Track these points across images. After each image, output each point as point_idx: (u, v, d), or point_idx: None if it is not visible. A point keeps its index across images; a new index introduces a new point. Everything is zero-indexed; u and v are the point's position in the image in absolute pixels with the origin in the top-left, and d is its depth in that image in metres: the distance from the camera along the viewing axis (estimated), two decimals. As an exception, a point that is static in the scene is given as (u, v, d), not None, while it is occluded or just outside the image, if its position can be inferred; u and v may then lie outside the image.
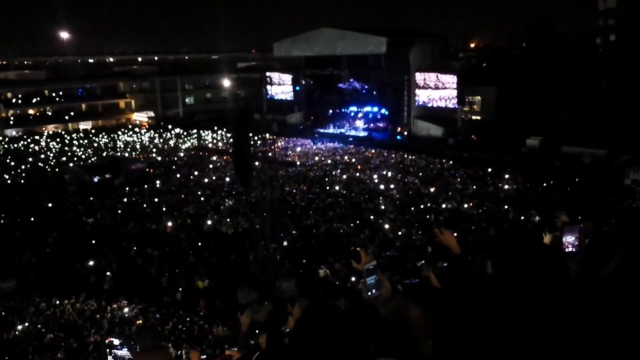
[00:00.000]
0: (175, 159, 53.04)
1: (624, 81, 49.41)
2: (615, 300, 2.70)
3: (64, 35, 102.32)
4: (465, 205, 32.73)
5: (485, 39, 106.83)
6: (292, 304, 5.22)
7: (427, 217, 30.96)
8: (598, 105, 50.42)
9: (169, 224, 31.27)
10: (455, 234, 4.34)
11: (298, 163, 49.05)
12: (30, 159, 54.27)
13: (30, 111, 78.17)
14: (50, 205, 36.03)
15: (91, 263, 25.56)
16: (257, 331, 12.33)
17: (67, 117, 78.46)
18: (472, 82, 60.34)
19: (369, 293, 2.96)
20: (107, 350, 2.72)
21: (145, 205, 35.79)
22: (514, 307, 2.62)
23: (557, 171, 39.50)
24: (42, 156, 56.02)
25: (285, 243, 27.46)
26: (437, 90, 59.60)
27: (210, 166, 48.58)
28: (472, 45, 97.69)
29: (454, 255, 4.20)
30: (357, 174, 43.10)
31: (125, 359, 2.67)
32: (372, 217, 31.46)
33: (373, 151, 52.91)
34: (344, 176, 42.35)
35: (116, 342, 2.68)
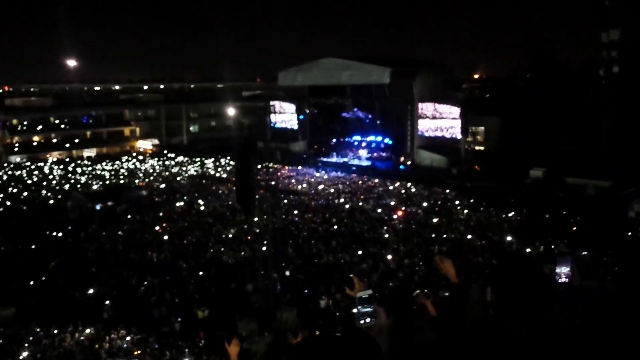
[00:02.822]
0: (178, 187, 53.07)
1: (627, 112, 49.59)
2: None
3: (71, 63, 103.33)
4: (469, 236, 32.55)
5: (488, 69, 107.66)
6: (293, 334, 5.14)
7: (431, 247, 30.78)
8: (602, 137, 50.51)
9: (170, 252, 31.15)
10: (453, 264, 4.29)
11: (301, 192, 49.01)
12: (33, 186, 54.40)
13: (35, 138, 78.69)
14: (51, 232, 35.99)
15: (91, 291, 25.40)
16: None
17: (71, 144, 78.93)
18: (475, 112, 60.67)
19: (361, 321, 2.95)
20: None
21: (146, 234, 35.68)
22: (513, 335, 2.55)
23: (560, 202, 39.37)
24: (45, 183, 56.16)
25: (287, 273, 27.25)
26: (440, 120, 59.87)
27: (213, 194, 48.55)
28: (476, 75, 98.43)
29: (452, 284, 4.17)
30: (360, 204, 43.00)
31: None
32: (374, 247, 31.28)
33: (376, 180, 52.85)
34: (347, 205, 42.24)
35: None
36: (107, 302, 24.29)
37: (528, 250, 29.22)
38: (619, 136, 48.88)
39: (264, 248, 25.21)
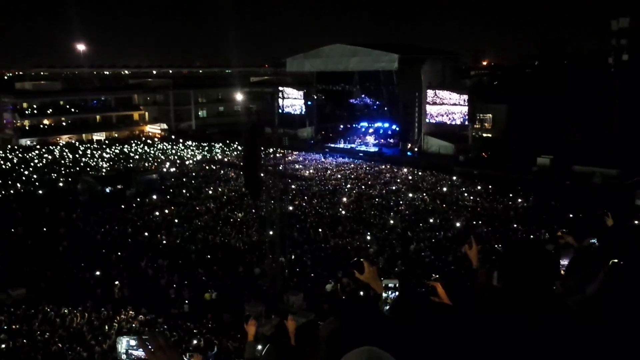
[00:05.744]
0: (187, 171, 53.33)
1: (635, 101, 49.25)
2: (592, 323, 2.79)
3: (81, 47, 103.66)
4: (475, 223, 32.66)
5: (497, 57, 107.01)
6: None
7: (436, 233, 30.95)
8: (609, 125, 50.25)
9: (179, 235, 31.50)
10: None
11: (308, 177, 49.17)
12: (44, 169, 54.79)
13: (45, 121, 79.00)
14: (61, 214, 36.36)
15: (99, 273, 25.75)
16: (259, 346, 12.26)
17: (81, 128, 79.27)
18: (483, 99, 60.37)
19: (387, 307, 3.02)
20: (123, 350, 2.76)
21: (155, 217, 36.01)
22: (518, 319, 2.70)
23: (567, 190, 39.34)
24: (56, 166, 56.54)
25: (293, 257, 27.53)
26: (448, 107, 59.73)
27: (221, 179, 48.79)
28: (484, 63, 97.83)
29: (472, 268, 4.27)
30: (367, 189, 43.13)
31: (140, 359, 2.71)
32: (381, 232, 31.48)
33: (383, 167, 52.96)
34: (354, 191, 42.40)
35: (132, 342, 2.72)
36: (117, 283, 24.67)
37: (532, 237, 29.33)
38: (627, 124, 48.59)
39: (271, 232, 25.41)
